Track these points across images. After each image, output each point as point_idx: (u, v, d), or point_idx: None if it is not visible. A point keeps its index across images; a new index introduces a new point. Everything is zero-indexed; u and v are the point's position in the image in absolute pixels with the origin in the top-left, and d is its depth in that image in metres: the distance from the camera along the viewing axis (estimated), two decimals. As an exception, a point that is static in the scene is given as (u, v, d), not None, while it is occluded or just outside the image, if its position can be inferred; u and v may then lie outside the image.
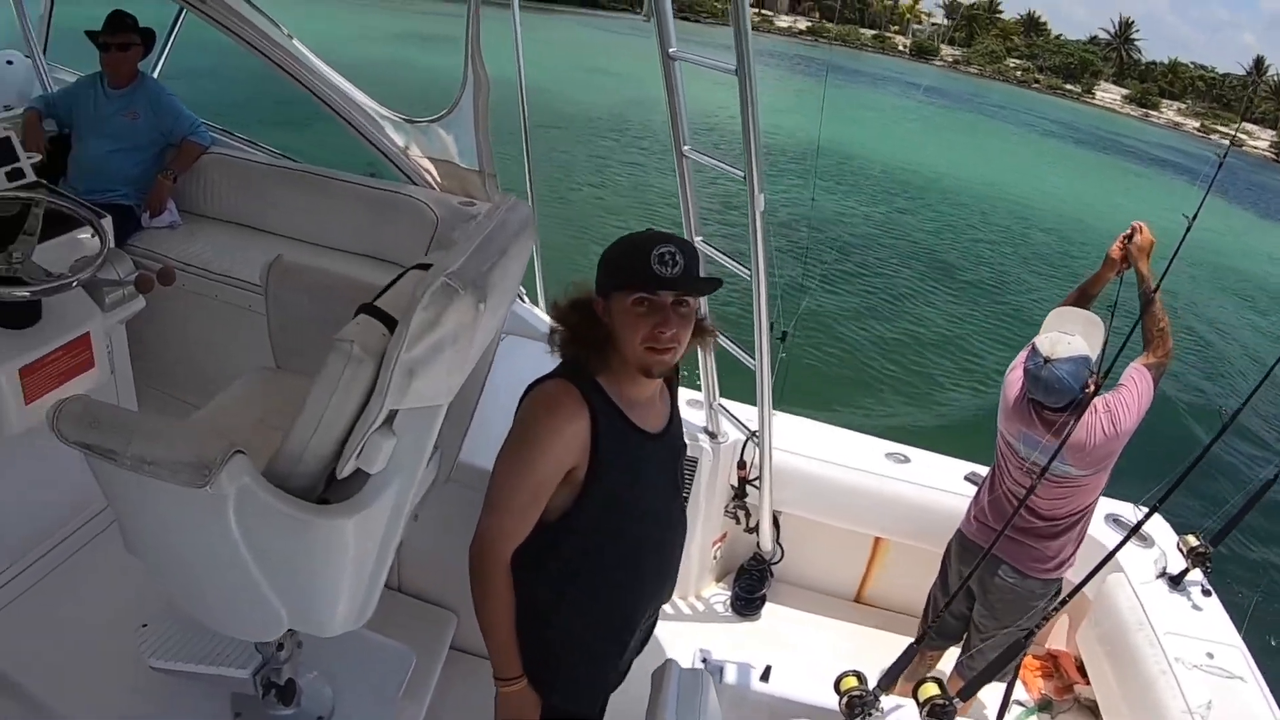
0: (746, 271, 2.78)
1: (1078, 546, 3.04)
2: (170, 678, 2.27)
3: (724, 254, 2.93)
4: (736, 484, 3.54)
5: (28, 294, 2.03)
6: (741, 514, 3.62)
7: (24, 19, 4.69)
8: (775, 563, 3.71)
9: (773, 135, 16.79)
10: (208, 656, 2.26)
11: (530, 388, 1.90)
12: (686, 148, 2.76)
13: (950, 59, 79.37)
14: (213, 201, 4.13)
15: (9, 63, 4.82)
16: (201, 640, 2.29)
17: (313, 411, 1.52)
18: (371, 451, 1.52)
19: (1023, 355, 2.93)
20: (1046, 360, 2.73)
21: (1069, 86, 76.00)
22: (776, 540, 3.65)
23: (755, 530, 3.61)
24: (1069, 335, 2.76)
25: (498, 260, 1.61)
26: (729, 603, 3.72)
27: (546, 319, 3.44)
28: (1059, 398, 2.77)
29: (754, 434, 3.36)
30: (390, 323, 1.57)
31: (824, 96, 10.54)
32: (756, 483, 3.43)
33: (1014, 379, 2.98)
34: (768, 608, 3.75)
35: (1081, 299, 3.10)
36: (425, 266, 1.75)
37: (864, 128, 29.29)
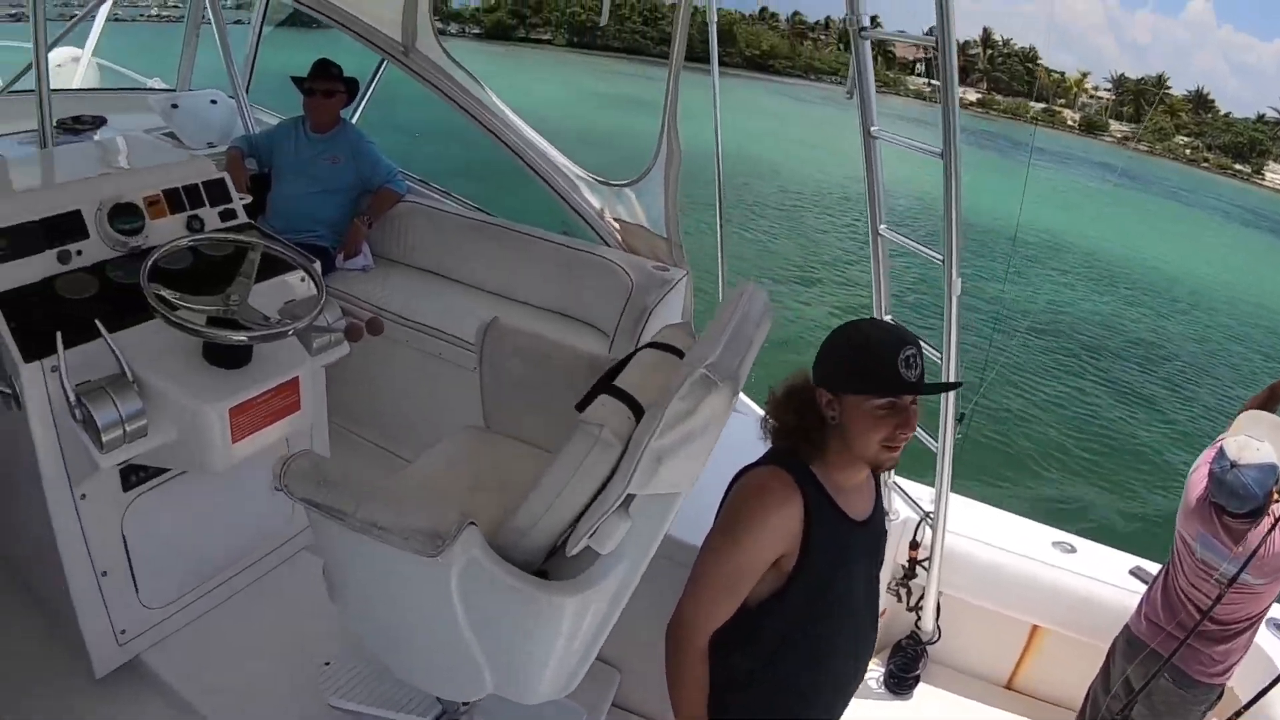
0: (938, 355, 2.72)
1: (1245, 653, 2.95)
2: (347, 716, 2.32)
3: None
4: (906, 564, 3.46)
5: (245, 339, 2.08)
6: (904, 592, 3.54)
7: (230, 61, 4.94)
8: (933, 643, 3.61)
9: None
10: (389, 702, 2.30)
11: (742, 473, 1.89)
12: (883, 226, 2.73)
13: (1119, 135, 76.88)
14: (405, 248, 4.26)
15: (213, 101, 5.11)
16: (384, 685, 2.34)
17: (550, 489, 1.53)
18: (606, 533, 1.51)
19: (1208, 455, 2.88)
20: (1233, 464, 2.70)
21: (1238, 166, 72.64)
22: (937, 621, 3.54)
23: (917, 609, 3.53)
24: (1258, 441, 2.71)
25: (746, 352, 1.60)
26: (882, 679, 3.64)
27: (745, 397, 3.41)
28: (1242, 503, 2.72)
29: (928, 515, 3.28)
30: (633, 405, 1.56)
31: (1026, 179, 10.31)
32: (925, 564, 3.35)
33: (1197, 479, 2.92)
34: (920, 687, 3.64)
35: (1270, 400, 3.06)
36: (662, 347, 1.76)
37: (1046, 205, 28.76)
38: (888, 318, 2.90)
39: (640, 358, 1.90)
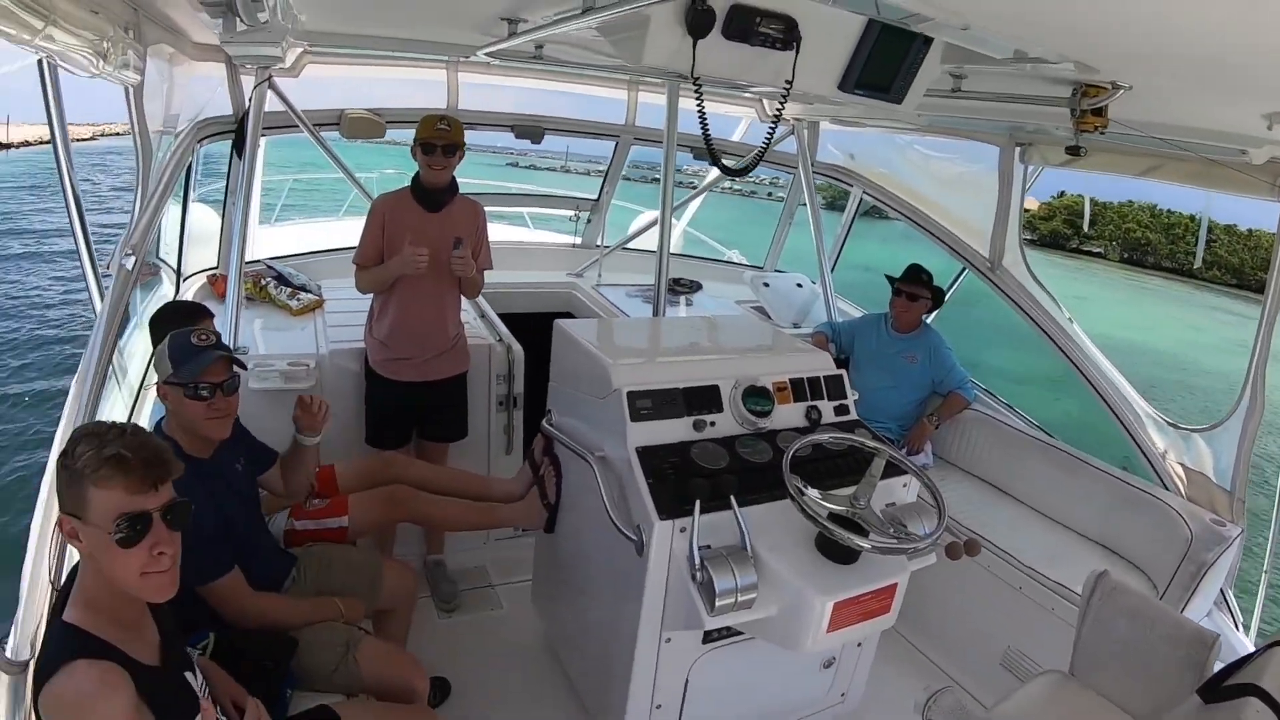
0: None
1: None
2: None
3: None
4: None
5: (869, 547, 2.12)
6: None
7: (822, 252, 5.32)
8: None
9: None
10: None
11: None
12: None
13: None
14: (966, 454, 4.32)
15: (799, 285, 5.59)
16: None
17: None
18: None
19: None
20: None
21: None
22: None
23: None
24: None
25: None
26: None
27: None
28: None
29: None
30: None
31: None
32: None
33: None
34: None
35: None
36: None
37: None
38: None
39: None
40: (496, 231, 4.12)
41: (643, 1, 2.19)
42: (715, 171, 5.89)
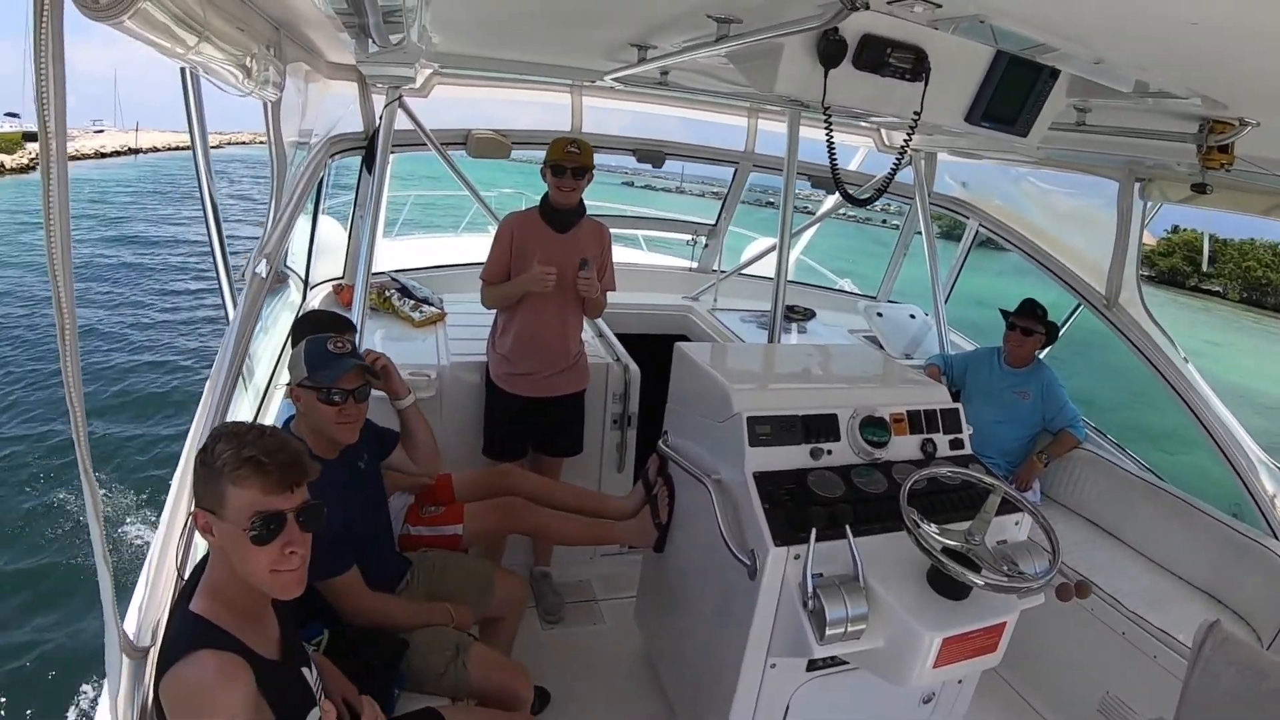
0: None
1: None
2: None
3: None
4: None
5: (982, 584, 2.10)
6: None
7: (936, 283, 5.28)
8: None
9: None
10: None
11: None
12: None
13: None
14: (1074, 494, 4.27)
15: (912, 316, 5.59)
16: None
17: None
18: None
19: None
20: None
21: None
22: None
23: None
24: None
25: None
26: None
27: None
28: None
29: None
30: None
31: None
32: None
33: None
34: None
35: None
36: None
37: None
38: None
39: None
40: (627, 258, 4.17)
41: (778, 31, 2.23)
42: (831, 200, 5.92)
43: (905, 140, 2.74)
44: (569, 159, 3.49)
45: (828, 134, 2.67)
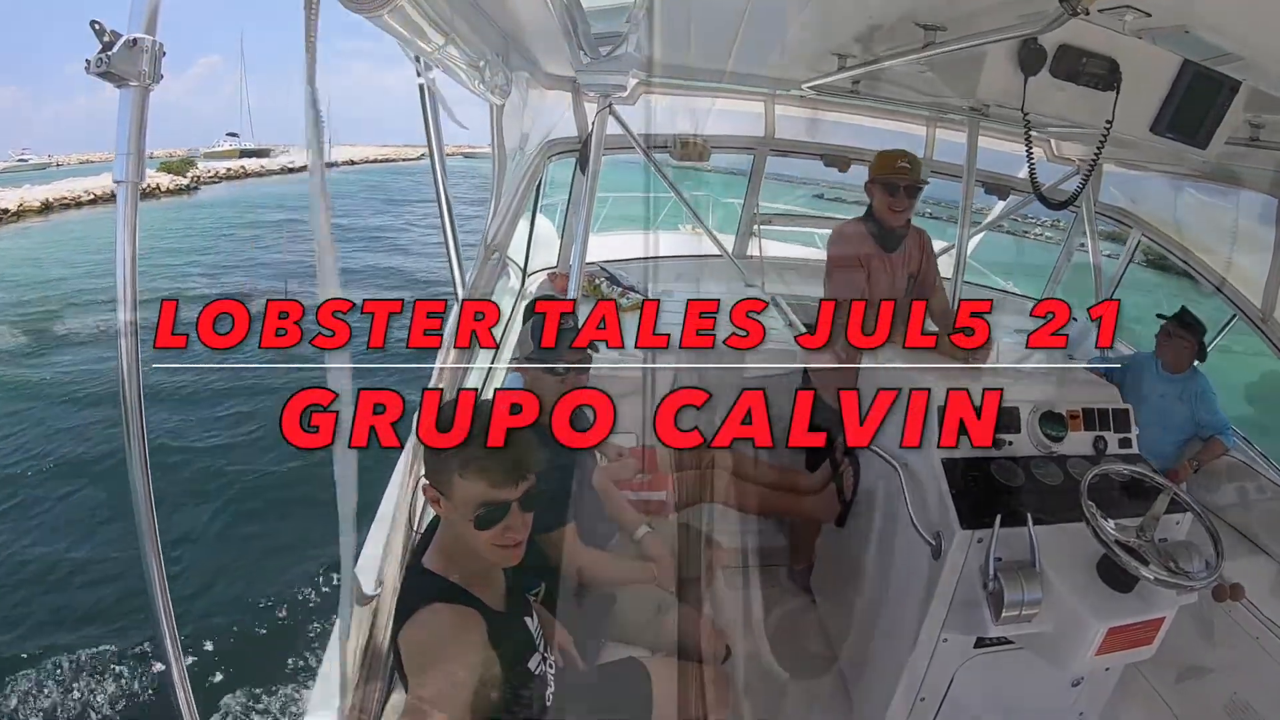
0: None
1: None
2: None
3: None
4: None
5: (1151, 578, 2.25)
6: None
7: (1099, 287, 5.39)
8: None
9: None
10: None
11: None
12: None
13: None
14: (1214, 498, 4.27)
15: (1074, 319, 5.63)
16: None
17: None
18: None
19: None
20: None
21: None
22: None
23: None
24: None
25: None
26: None
27: None
28: None
29: None
30: None
31: None
32: None
33: None
34: None
35: None
36: None
37: None
38: None
39: None
40: (804, 254, 4.30)
41: (987, 38, 2.34)
42: (999, 206, 6.01)
43: (1098, 148, 2.79)
44: (901, 175, 3.39)
45: (1026, 142, 2.78)
